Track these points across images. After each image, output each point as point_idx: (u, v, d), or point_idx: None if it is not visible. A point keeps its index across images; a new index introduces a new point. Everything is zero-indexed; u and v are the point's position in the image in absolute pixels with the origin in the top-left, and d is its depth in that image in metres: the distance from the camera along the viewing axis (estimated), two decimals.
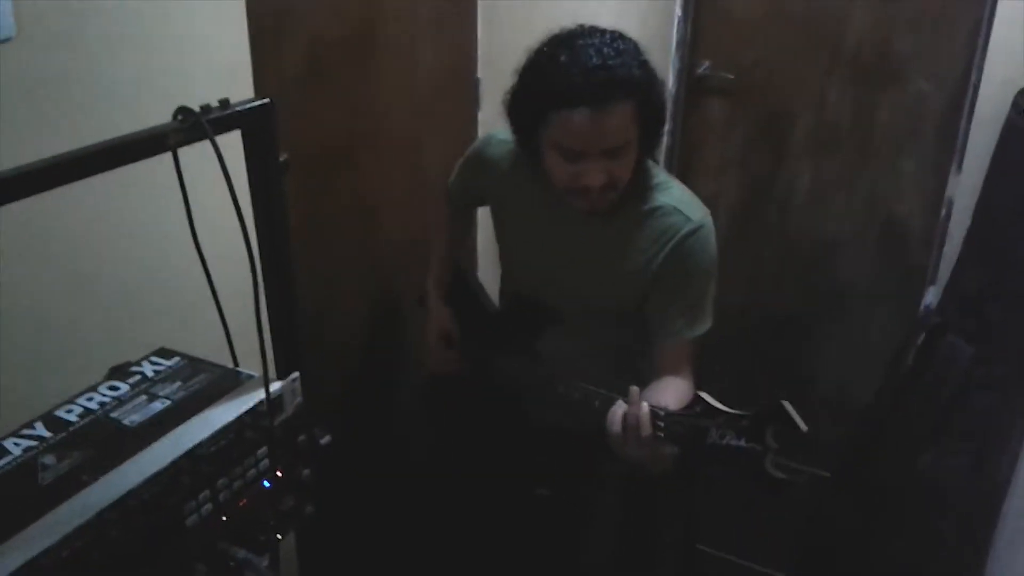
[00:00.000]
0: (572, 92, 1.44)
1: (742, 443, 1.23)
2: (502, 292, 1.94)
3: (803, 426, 1.19)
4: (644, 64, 1.51)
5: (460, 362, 1.91)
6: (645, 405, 1.38)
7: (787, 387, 2.79)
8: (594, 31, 1.51)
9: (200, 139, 0.92)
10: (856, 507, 2.24)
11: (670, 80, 2.58)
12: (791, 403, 1.20)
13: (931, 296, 2.50)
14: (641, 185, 1.62)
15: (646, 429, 1.36)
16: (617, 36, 1.51)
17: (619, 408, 1.43)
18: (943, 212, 2.45)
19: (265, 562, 1.06)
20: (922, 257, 2.55)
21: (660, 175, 1.66)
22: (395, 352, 2.54)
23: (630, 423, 1.39)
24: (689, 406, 1.33)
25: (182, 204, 1.04)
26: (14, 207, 0.80)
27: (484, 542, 2.15)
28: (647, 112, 1.51)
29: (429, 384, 2.08)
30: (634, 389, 1.42)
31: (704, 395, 1.29)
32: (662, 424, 1.36)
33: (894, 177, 2.59)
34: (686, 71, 2.66)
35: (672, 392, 1.51)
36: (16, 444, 1.01)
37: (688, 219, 1.59)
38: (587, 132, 1.46)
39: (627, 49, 1.49)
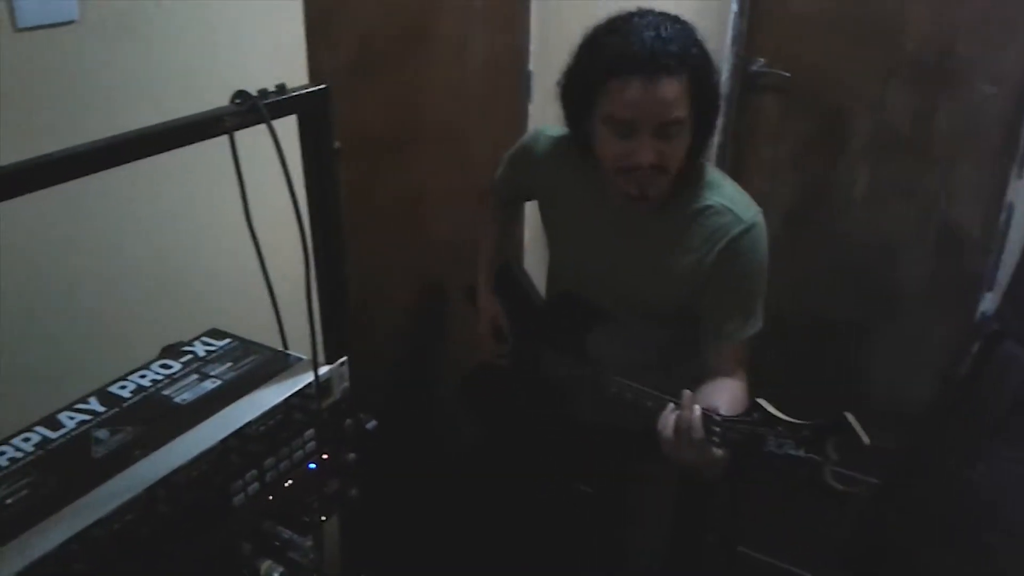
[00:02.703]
0: (627, 60, 1.45)
1: (801, 453, 1.22)
2: (549, 286, 1.93)
3: (866, 439, 1.18)
4: (700, 44, 1.51)
5: (510, 356, 1.91)
6: (697, 409, 1.36)
7: (838, 393, 2.76)
8: (651, 12, 1.52)
9: (256, 123, 0.93)
10: (905, 517, 2.20)
11: (724, 76, 2.55)
12: (851, 413, 1.19)
13: (988, 303, 2.45)
14: (692, 183, 1.60)
15: (698, 433, 1.35)
16: (674, 17, 1.52)
17: (671, 411, 1.42)
18: (1002, 217, 2.40)
19: (308, 543, 1.07)
20: (979, 263, 2.49)
21: (712, 173, 1.64)
22: (438, 343, 2.55)
23: (682, 426, 1.38)
24: (747, 413, 1.31)
25: (235, 188, 1.06)
26: (72, 186, 0.82)
27: (524, 536, 2.15)
28: (700, 92, 1.50)
29: (472, 376, 2.08)
30: (687, 392, 1.40)
31: (763, 402, 1.28)
32: (717, 429, 1.34)
33: (953, 181, 2.53)
34: (740, 68, 2.63)
35: (725, 394, 1.49)
36: (71, 418, 1.03)
37: (740, 219, 1.57)
38: (640, 102, 1.45)
39: (684, 28, 1.50)
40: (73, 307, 1.37)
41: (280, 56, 1.61)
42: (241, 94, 0.93)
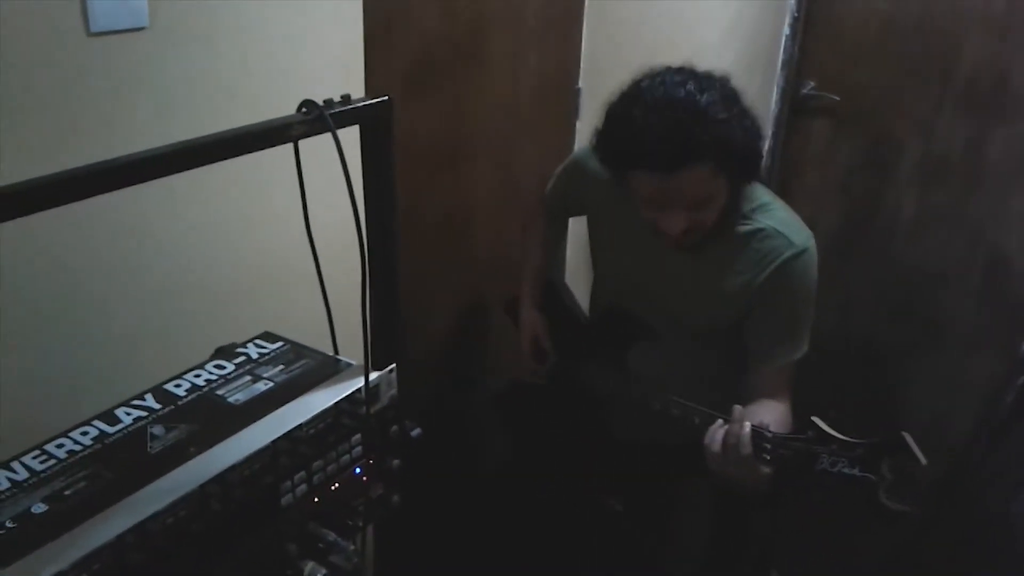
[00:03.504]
0: (643, 157, 1.42)
1: (856, 472, 1.21)
2: (593, 301, 1.94)
3: (923, 459, 1.17)
4: (724, 121, 1.40)
5: (548, 372, 1.92)
6: (747, 425, 1.36)
7: (877, 419, 2.73)
8: (677, 81, 1.43)
9: (321, 132, 0.95)
10: (944, 546, 2.17)
11: (773, 98, 2.55)
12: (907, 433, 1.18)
13: None
14: (741, 208, 1.60)
15: (746, 448, 1.35)
16: (701, 89, 1.41)
17: (720, 426, 1.42)
18: None
19: (352, 547, 1.09)
20: None
21: (764, 196, 1.63)
22: (479, 355, 2.56)
23: (730, 441, 1.38)
24: (800, 431, 1.31)
25: (290, 195, 1.08)
26: (135, 190, 0.84)
27: (556, 553, 2.15)
28: (729, 165, 1.45)
29: (506, 391, 2.09)
30: (737, 408, 1.41)
31: (817, 420, 1.28)
32: (768, 446, 1.34)
33: (1002, 212, 2.51)
34: (791, 90, 2.63)
35: (770, 415, 1.49)
36: (127, 414, 1.06)
37: (791, 242, 1.56)
38: (662, 193, 1.46)
39: (708, 104, 1.40)
40: (132, 307, 1.40)
41: (339, 67, 1.64)
42: (308, 103, 0.95)
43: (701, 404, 1.52)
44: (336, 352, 1.20)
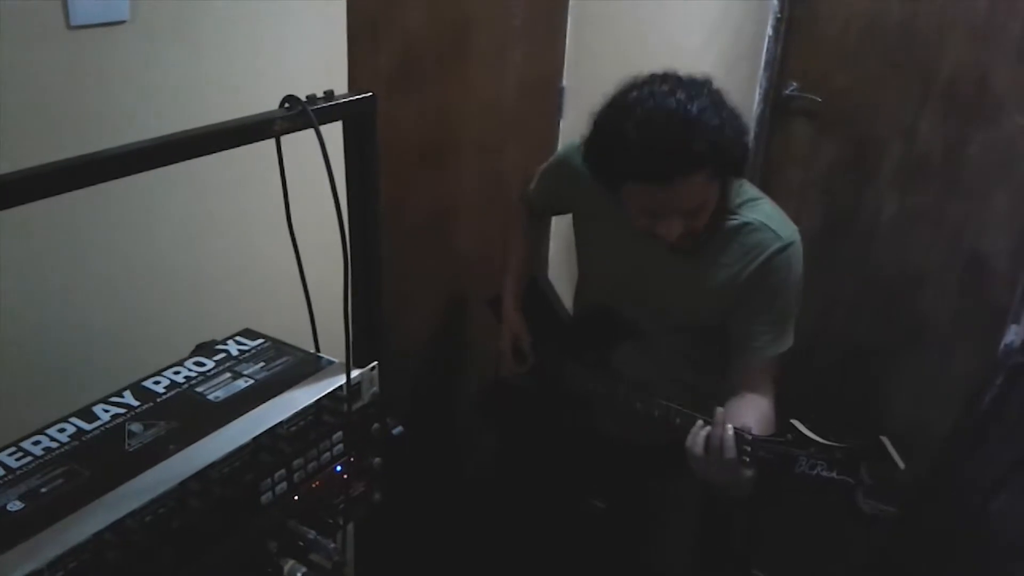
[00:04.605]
0: (637, 171, 1.42)
1: (834, 475, 1.22)
2: (577, 299, 1.94)
3: (901, 464, 1.18)
4: (718, 128, 1.41)
5: (530, 370, 1.91)
6: (730, 428, 1.36)
7: (856, 420, 2.75)
8: (665, 91, 1.42)
9: (304, 128, 0.94)
10: (925, 546, 2.18)
11: (756, 99, 2.56)
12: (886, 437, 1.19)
13: (1013, 335, 2.43)
14: (728, 203, 1.61)
15: (730, 452, 1.35)
16: (691, 97, 1.41)
17: (702, 428, 1.42)
18: None
19: (332, 545, 1.08)
20: (1006, 295, 2.48)
21: (750, 191, 1.64)
22: (461, 353, 2.56)
23: (713, 444, 1.38)
24: (780, 433, 1.31)
25: (272, 191, 1.07)
26: (112, 186, 0.83)
27: (539, 552, 2.15)
28: (723, 170, 1.47)
29: (492, 387, 2.09)
30: (719, 410, 1.41)
31: (796, 423, 1.28)
32: (748, 448, 1.34)
33: (981, 212, 2.53)
34: (773, 91, 2.64)
35: (752, 410, 1.50)
36: (105, 411, 1.05)
37: (778, 236, 1.57)
38: (659, 203, 1.46)
39: (700, 112, 1.39)
40: (109, 303, 1.39)
41: (322, 65, 1.63)
42: (290, 99, 0.95)
43: (685, 401, 1.52)
44: (317, 349, 1.20)
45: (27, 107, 1.19)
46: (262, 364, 1.15)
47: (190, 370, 1.14)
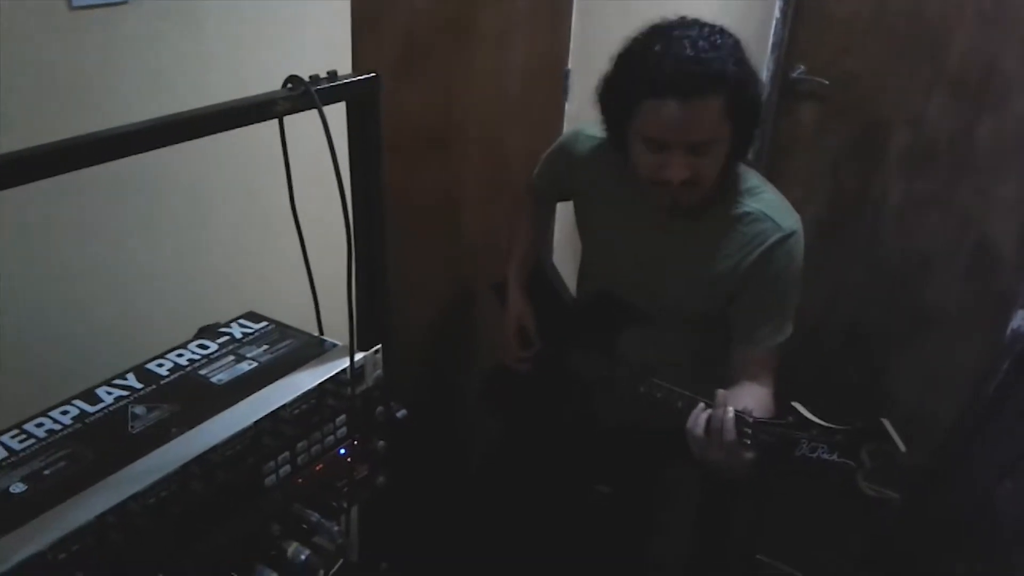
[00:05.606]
0: (661, 82, 1.42)
1: (835, 458, 1.21)
2: (580, 286, 1.93)
3: (902, 446, 1.17)
4: (741, 61, 1.46)
5: (533, 358, 1.91)
6: (731, 410, 1.36)
7: (863, 405, 2.74)
8: (694, 24, 1.48)
9: (307, 108, 0.94)
10: (930, 530, 2.18)
11: (763, 82, 2.54)
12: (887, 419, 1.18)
13: (1020, 320, 2.42)
14: (731, 189, 1.60)
15: (730, 434, 1.35)
16: (717, 30, 1.47)
17: (703, 411, 1.42)
18: None
19: (336, 528, 1.08)
20: (1013, 280, 2.46)
21: (753, 179, 1.63)
22: (466, 338, 2.55)
23: (714, 427, 1.37)
24: (781, 416, 1.30)
25: (276, 174, 1.07)
26: (116, 166, 0.83)
27: (542, 537, 2.15)
28: (739, 109, 1.47)
29: (496, 373, 2.09)
30: (720, 392, 1.40)
31: (797, 406, 1.27)
32: (749, 431, 1.34)
33: (989, 198, 2.51)
34: (780, 74, 2.62)
35: (751, 398, 1.49)
36: (108, 393, 1.05)
37: (779, 226, 1.56)
38: (673, 123, 1.44)
39: (725, 44, 1.45)
40: (113, 285, 1.39)
41: (326, 46, 1.62)
42: (293, 79, 0.94)
43: (687, 388, 1.52)
44: (321, 332, 1.19)
45: (29, 88, 1.18)
46: (266, 347, 1.15)
47: (193, 353, 1.14)
